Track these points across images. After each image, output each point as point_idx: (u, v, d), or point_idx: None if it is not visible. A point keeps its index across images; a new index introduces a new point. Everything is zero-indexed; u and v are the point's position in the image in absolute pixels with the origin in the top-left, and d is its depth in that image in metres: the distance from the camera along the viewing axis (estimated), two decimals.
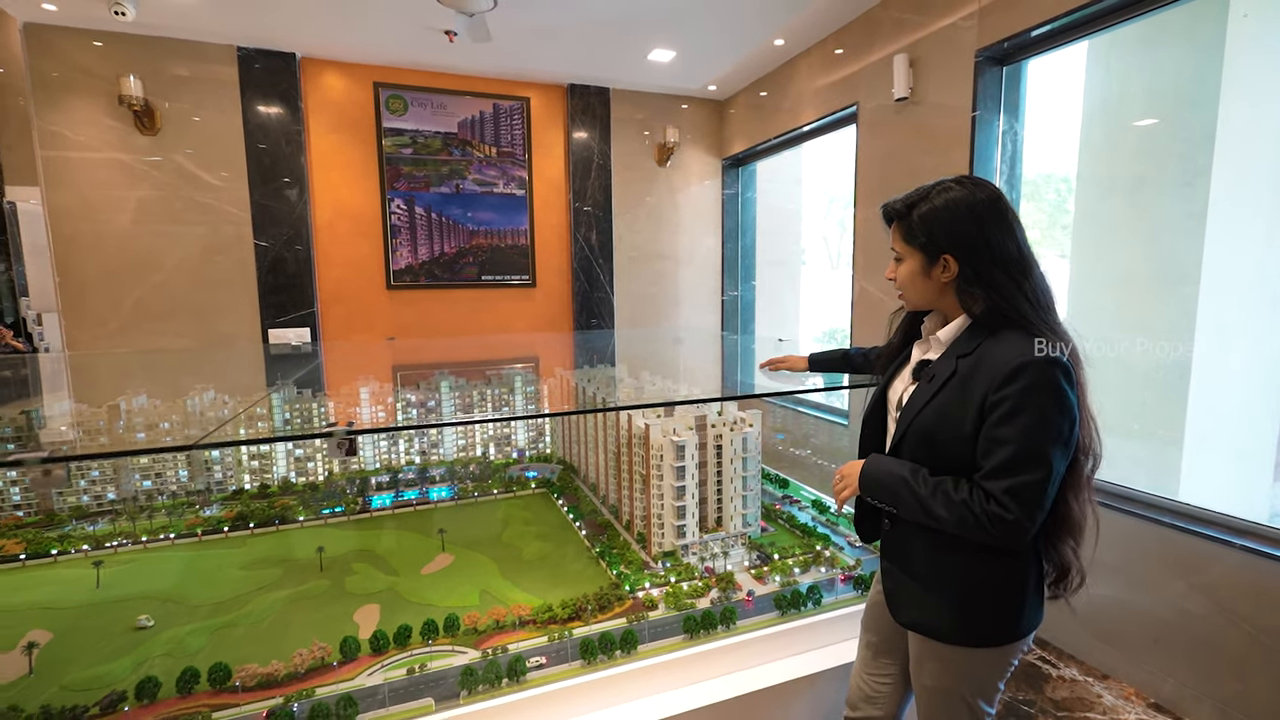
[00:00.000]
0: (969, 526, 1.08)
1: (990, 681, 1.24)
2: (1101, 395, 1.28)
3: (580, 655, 1.53)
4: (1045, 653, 2.67)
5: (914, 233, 1.21)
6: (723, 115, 5.39)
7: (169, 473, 2.65)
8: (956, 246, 1.16)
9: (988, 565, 1.18)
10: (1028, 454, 1.05)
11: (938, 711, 1.28)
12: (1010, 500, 1.05)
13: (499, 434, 3.19)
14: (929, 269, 1.20)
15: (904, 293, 1.28)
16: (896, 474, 1.18)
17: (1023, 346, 1.09)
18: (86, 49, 3.76)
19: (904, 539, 1.28)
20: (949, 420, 1.14)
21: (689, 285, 5.47)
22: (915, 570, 1.26)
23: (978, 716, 1.26)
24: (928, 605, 1.24)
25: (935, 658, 1.25)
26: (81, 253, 3.87)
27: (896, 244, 1.26)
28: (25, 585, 1.94)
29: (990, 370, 1.10)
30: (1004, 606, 1.19)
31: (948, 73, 3.13)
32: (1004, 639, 1.20)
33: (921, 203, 1.20)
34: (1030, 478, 1.05)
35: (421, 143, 4.56)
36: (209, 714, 1.33)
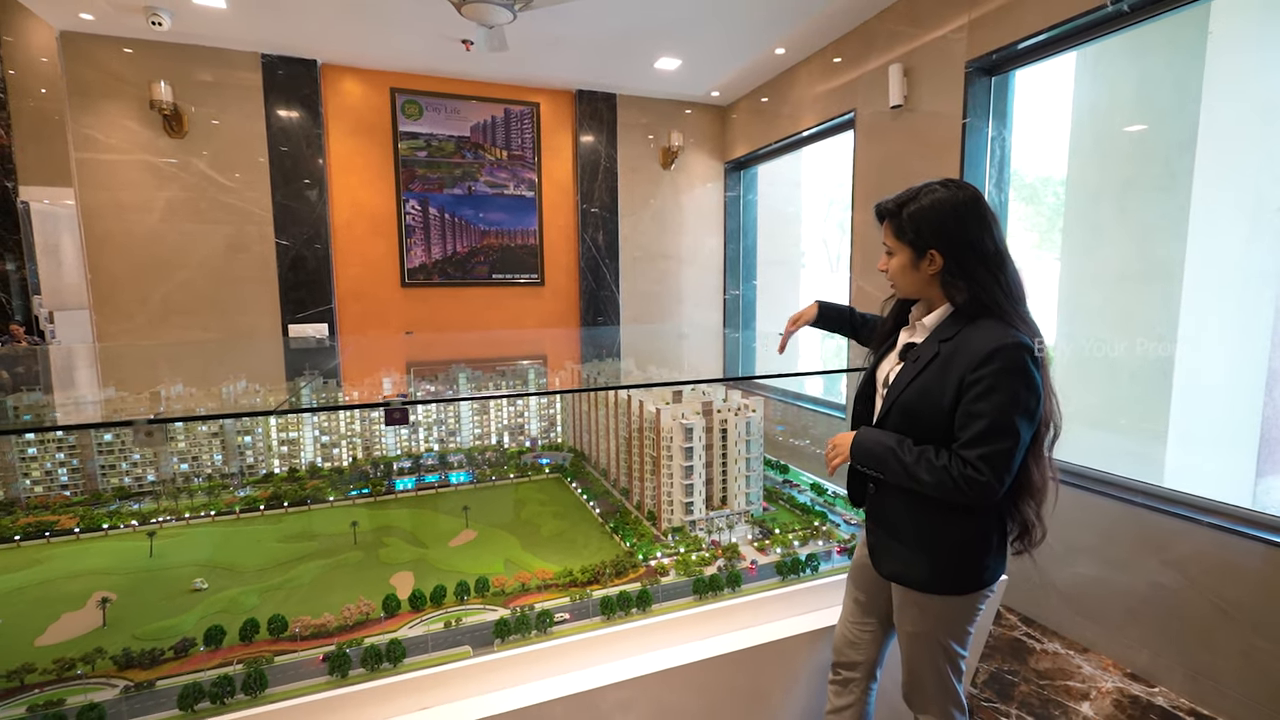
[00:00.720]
0: (947, 489, 1.25)
1: (961, 625, 1.41)
2: (1089, 390, 1.46)
3: (601, 612, 1.69)
4: (1030, 629, 2.83)
5: (904, 229, 1.36)
6: (725, 120, 5.56)
7: (204, 456, 2.81)
8: (941, 242, 1.32)
9: (960, 524, 1.35)
10: (999, 426, 1.22)
11: (918, 652, 1.45)
12: (984, 465, 1.22)
13: (513, 423, 3.35)
14: (917, 262, 1.36)
15: (895, 283, 1.44)
16: (884, 444, 1.34)
17: (998, 333, 1.25)
18: (118, 56, 3.93)
19: (888, 501, 1.44)
20: (930, 397, 1.30)
21: (692, 284, 5.64)
22: (897, 528, 1.42)
23: (951, 655, 1.43)
24: (908, 559, 1.40)
25: (915, 605, 1.42)
26: (112, 251, 4.04)
27: (888, 239, 1.42)
28: (83, 555, 2.10)
29: (969, 354, 1.26)
30: (973, 559, 1.36)
31: (940, 82, 3.30)
32: (973, 587, 1.37)
33: (911, 202, 1.36)
34: (1001, 446, 1.22)
35: (436, 146, 4.73)
36: (271, 657, 1.49)
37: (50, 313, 5.59)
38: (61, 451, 2.57)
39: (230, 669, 1.41)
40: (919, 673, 1.47)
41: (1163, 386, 2.82)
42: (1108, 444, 3.00)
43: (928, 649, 1.43)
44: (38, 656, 1.47)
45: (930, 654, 1.43)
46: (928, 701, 1.47)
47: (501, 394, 3.04)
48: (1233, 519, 2.24)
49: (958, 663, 1.44)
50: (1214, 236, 2.69)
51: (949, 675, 1.44)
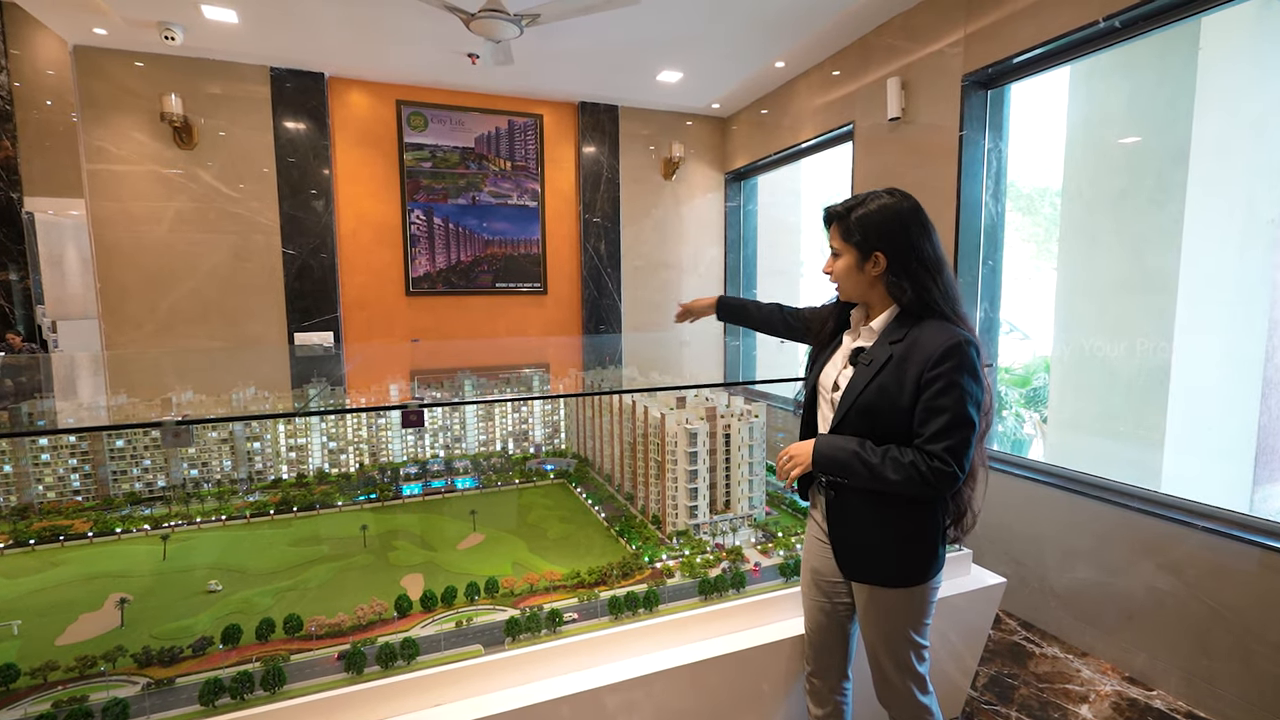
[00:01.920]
0: (915, 484, 1.31)
1: (923, 615, 1.48)
2: (1086, 398, 1.54)
3: (609, 612, 1.73)
4: (1029, 633, 2.86)
5: (851, 231, 1.43)
6: (725, 132, 5.65)
7: (214, 462, 2.85)
8: (885, 245, 1.40)
9: (918, 516, 1.42)
10: (959, 419, 1.30)
11: (884, 648, 1.49)
12: (949, 456, 1.30)
13: (517, 429, 3.39)
14: (862, 264, 1.43)
15: (839, 284, 1.50)
16: (846, 449, 1.38)
17: (948, 332, 1.34)
18: (130, 69, 4.00)
19: (848, 506, 1.48)
20: (888, 396, 1.37)
21: (693, 293, 5.69)
22: (863, 530, 1.46)
23: (917, 647, 1.49)
24: (877, 558, 1.45)
25: (881, 603, 1.47)
26: (122, 260, 4.09)
27: (835, 241, 1.48)
28: (96, 559, 2.14)
29: (923, 352, 1.34)
30: (928, 549, 1.43)
31: (937, 95, 3.38)
32: (930, 576, 1.44)
33: (859, 207, 1.43)
34: (961, 437, 1.30)
35: (440, 157, 4.80)
36: (287, 655, 1.52)
37: (54, 322, 5.64)
38: (74, 457, 2.61)
39: (249, 666, 1.44)
40: (888, 673, 1.51)
41: (1159, 394, 2.86)
42: (1105, 450, 3.04)
43: (895, 647, 1.48)
44: (59, 655, 1.51)
45: (897, 652, 1.48)
46: (900, 696, 1.51)
47: (509, 397, 3.09)
48: (1228, 523, 2.28)
49: (921, 651, 1.50)
50: (1207, 247, 2.75)
51: (915, 665, 1.49)
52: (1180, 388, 2.81)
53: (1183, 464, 2.78)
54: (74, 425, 2.01)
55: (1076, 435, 3.24)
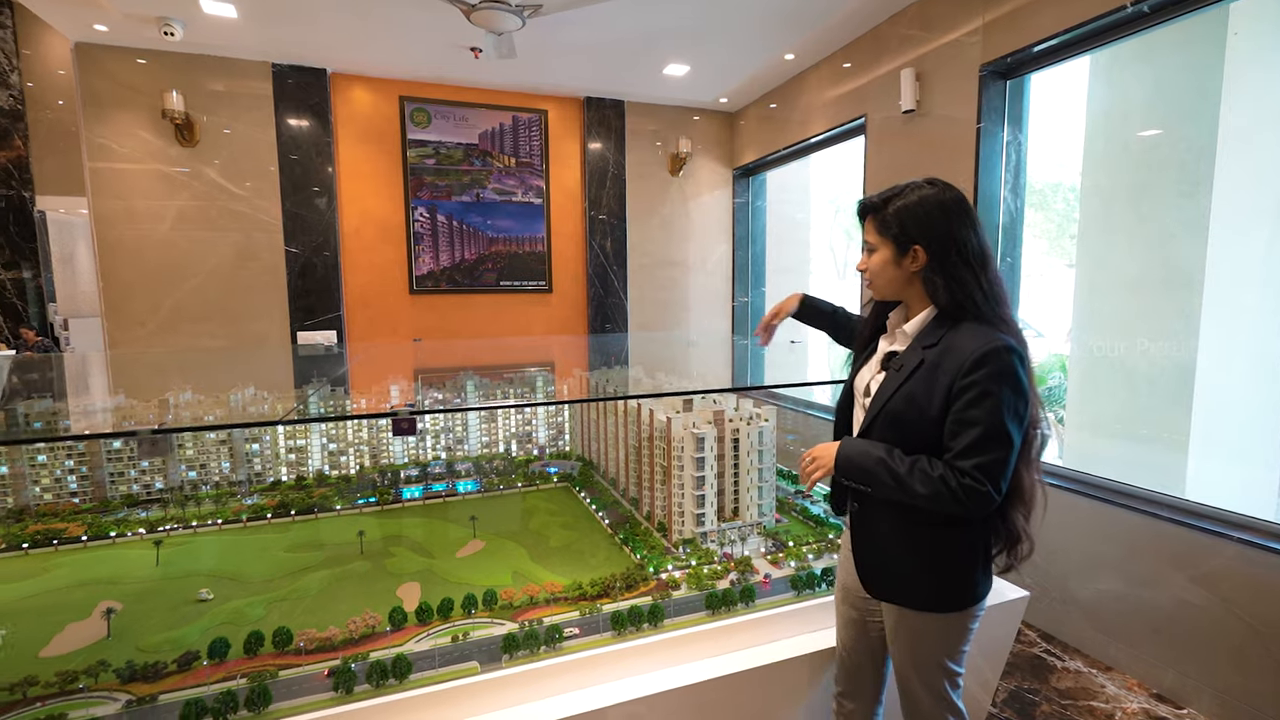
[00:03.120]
0: (944, 500, 1.19)
1: (959, 643, 1.37)
2: (1106, 399, 1.41)
3: (611, 627, 1.65)
4: (1050, 646, 2.76)
5: (888, 224, 1.32)
6: (734, 127, 5.55)
7: (212, 464, 2.79)
8: (925, 238, 1.29)
9: (952, 538, 1.30)
10: (994, 433, 1.18)
11: (915, 675, 1.39)
12: (981, 474, 1.18)
13: (520, 431, 3.32)
14: (899, 259, 1.33)
15: (874, 281, 1.39)
16: (872, 454, 1.27)
17: (985, 336, 1.22)
18: (132, 66, 3.97)
19: (873, 519, 1.38)
20: (917, 405, 1.26)
21: (700, 291, 5.60)
22: (888, 547, 1.36)
23: (950, 675, 1.38)
24: (903, 579, 1.35)
25: (911, 626, 1.37)
26: (124, 258, 4.06)
27: (870, 235, 1.38)
28: (90, 563, 2.08)
29: (956, 359, 1.22)
30: (965, 574, 1.32)
31: (953, 86, 3.27)
32: (968, 603, 1.33)
33: (896, 198, 1.32)
34: (997, 454, 1.18)
35: (444, 153, 4.74)
36: (275, 672, 1.46)
37: (65, 320, 5.64)
38: (70, 459, 2.56)
39: (234, 684, 1.38)
40: (918, 699, 1.41)
41: (1183, 395, 2.76)
42: (1126, 454, 2.93)
43: (927, 673, 1.38)
44: (41, 669, 1.45)
45: (929, 678, 1.38)
46: None
47: (509, 404, 3.02)
48: (1264, 534, 2.17)
49: (955, 679, 1.40)
50: (1235, 241, 2.64)
51: (948, 693, 1.39)
52: (1206, 388, 2.70)
53: (1208, 468, 2.67)
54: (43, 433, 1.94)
55: (1096, 437, 3.13)
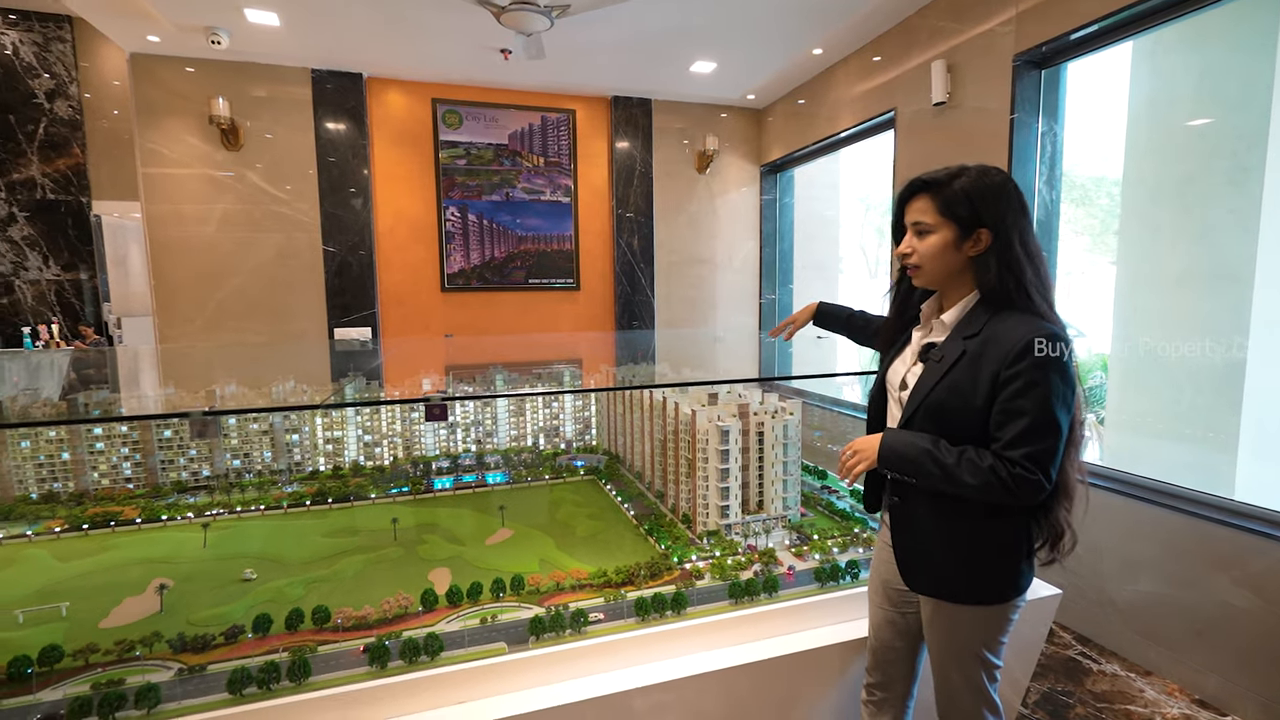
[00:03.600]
0: (994, 491, 1.18)
1: (997, 635, 1.35)
2: (1149, 398, 1.38)
3: (635, 613, 1.68)
4: (1086, 648, 2.69)
5: (955, 203, 1.25)
6: (761, 123, 5.52)
7: (255, 454, 2.92)
8: (994, 221, 1.24)
9: (993, 529, 1.29)
10: (1043, 421, 1.16)
11: (953, 669, 1.38)
12: (1031, 463, 1.16)
13: (549, 425, 3.38)
14: (961, 242, 1.27)
15: (924, 265, 1.31)
16: (919, 445, 1.25)
17: (1030, 325, 1.20)
18: (181, 75, 4.15)
19: (914, 511, 1.36)
20: (961, 396, 1.24)
21: (727, 288, 5.60)
22: (929, 539, 1.35)
23: (989, 667, 1.36)
24: (943, 570, 1.33)
25: (949, 618, 1.35)
26: (174, 259, 4.25)
27: (926, 215, 1.29)
28: (144, 544, 2.20)
29: (1001, 348, 1.20)
30: (1006, 566, 1.30)
31: (985, 77, 3.21)
32: (1009, 595, 1.31)
33: (959, 177, 1.26)
34: (1046, 443, 1.17)
35: (475, 154, 4.84)
36: (314, 646, 1.53)
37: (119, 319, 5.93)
38: (126, 446, 2.71)
39: (276, 656, 1.45)
40: (955, 690, 1.39)
41: (1232, 394, 2.66)
42: (1170, 454, 2.84)
43: (964, 664, 1.36)
44: (101, 638, 1.55)
45: (967, 669, 1.36)
46: (968, 718, 1.40)
47: (532, 392, 3.08)
48: None
49: (994, 672, 1.38)
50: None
51: (985, 686, 1.37)
52: (1256, 387, 2.60)
53: (1259, 469, 2.57)
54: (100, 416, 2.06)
55: (1138, 437, 3.03)
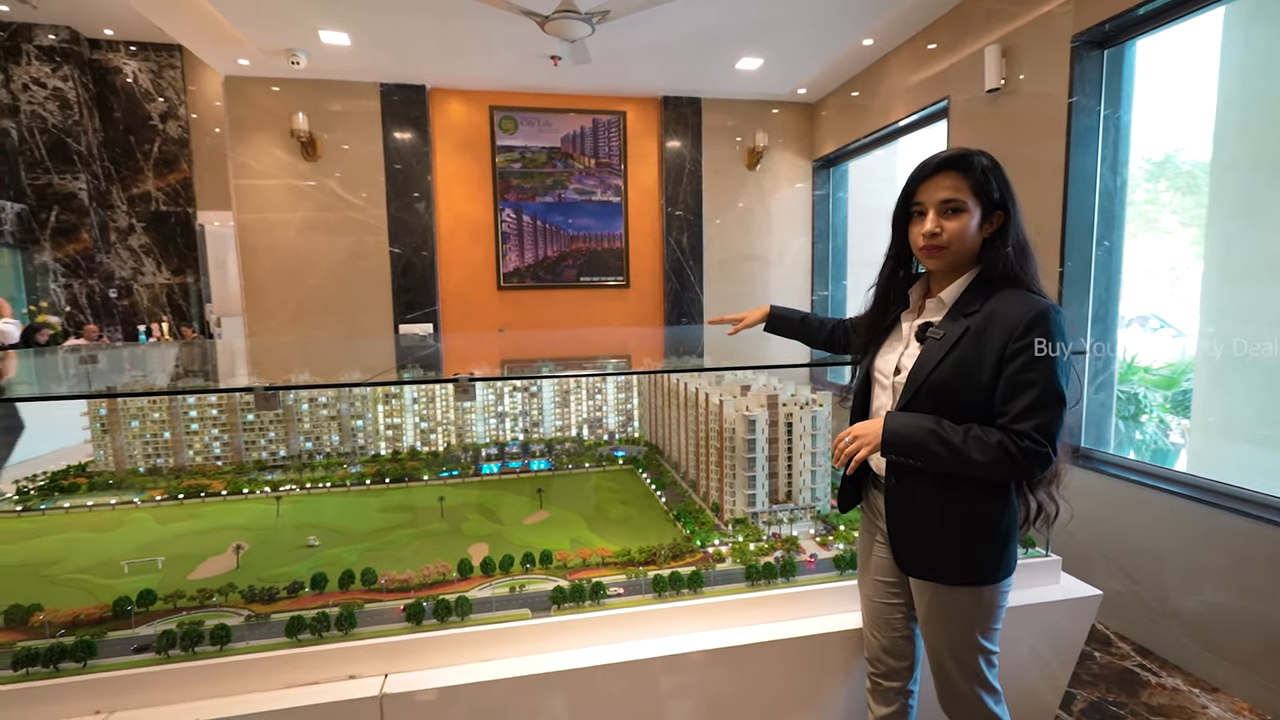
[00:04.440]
0: (1004, 466, 1.18)
1: (990, 620, 1.34)
2: (1239, 400, 1.36)
3: (653, 589, 1.77)
4: (1146, 660, 2.55)
5: (988, 183, 1.25)
6: (814, 117, 5.46)
7: (324, 436, 3.20)
8: (1008, 203, 1.27)
9: (985, 508, 1.29)
10: (1050, 393, 1.18)
11: (946, 652, 1.37)
12: (1041, 435, 1.17)
13: (592, 416, 3.51)
14: (981, 223, 1.29)
15: (951, 245, 1.28)
16: (923, 426, 1.23)
17: (1030, 300, 1.22)
18: (268, 94, 4.57)
19: (912, 495, 1.34)
20: (966, 372, 1.24)
21: (779, 285, 5.57)
22: (926, 522, 1.33)
23: (985, 652, 1.36)
24: (937, 551, 1.33)
25: (943, 602, 1.35)
26: (260, 262, 4.69)
27: (961, 193, 1.26)
28: (227, 513, 2.48)
29: (1006, 322, 1.21)
30: (1001, 546, 1.30)
31: (1042, 61, 3.08)
32: (1000, 576, 1.31)
33: (981, 156, 1.28)
34: (1053, 413, 1.18)
35: (529, 157, 5.05)
36: (361, 604, 1.70)
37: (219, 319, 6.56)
38: (216, 428, 3.04)
39: (328, 609, 1.63)
40: (951, 676, 1.38)
41: None
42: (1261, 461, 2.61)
43: (958, 649, 1.36)
44: (188, 587, 1.78)
45: (960, 653, 1.36)
46: (968, 704, 1.38)
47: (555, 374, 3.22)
48: None
49: (990, 657, 1.37)
50: None
51: (982, 670, 1.37)
52: None
53: None
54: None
55: (1228, 442, 2.80)
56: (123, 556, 2.01)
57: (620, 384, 3.58)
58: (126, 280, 6.39)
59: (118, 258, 6.30)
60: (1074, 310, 2.97)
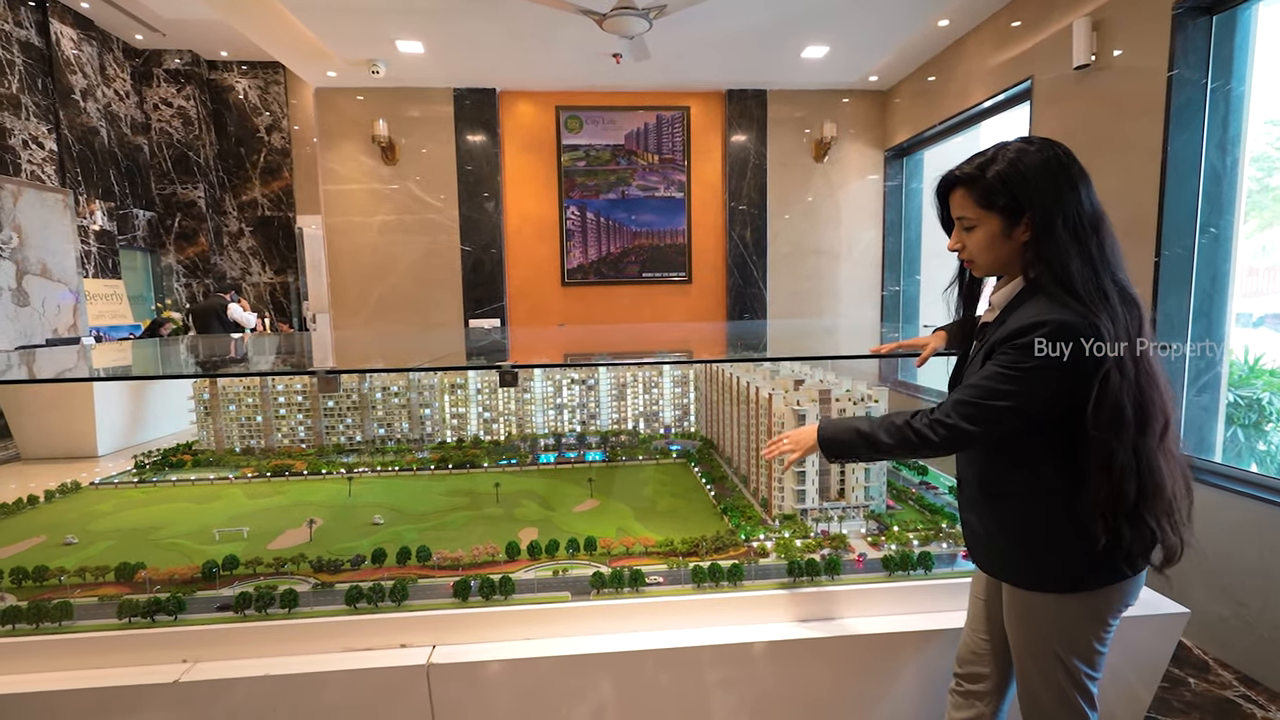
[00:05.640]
0: (909, 446, 1.23)
1: (1082, 637, 1.23)
2: None
3: (692, 579, 1.77)
4: (1252, 691, 2.29)
5: (993, 193, 1.19)
6: (886, 105, 5.23)
7: (395, 423, 3.40)
8: (1033, 206, 1.17)
9: (1027, 511, 1.23)
10: (990, 390, 1.15)
11: (1029, 660, 1.28)
12: (953, 414, 1.18)
13: (648, 410, 3.53)
14: (1009, 230, 1.21)
15: (977, 259, 1.27)
16: (850, 424, 1.31)
17: (1045, 308, 1.13)
18: (352, 103, 4.90)
19: (966, 490, 1.36)
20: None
21: (847, 280, 5.39)
22: (980, 518, 1.33)
23: (1074, 676, 1.23)
24: (996, 550, 1.29)
25: (1021, 605, 1.27)
26: (345, 261, 5.03)
27: (967, 210, 1.24)
28: (305, 490, 2.69)
29: (1006, 329, 1.16)
30: (1064, 551, 1.20)
31: (1139, 32, 2.81)
32: (1075, 588, 1.20)
33: (992, 164, 1.20)
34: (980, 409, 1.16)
35: (594, 155, 5.14)
36: (415, 578, 1.80)
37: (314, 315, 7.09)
38: (300, 413, 3.30)
39: (384, 581, 1.74)
40: (1035, 687, 1.29)
41: None
42: None
43: (1040, 663, 1.27)
44: (266, 555, 1.95)
45: (1044, 666, 1.26)
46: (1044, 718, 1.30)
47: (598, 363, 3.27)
48: None
49: (1084, 684, 1.25)
50: None
51: (1068, 690, 1.25)
52: None
53: None
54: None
55: None
56: (215, 525, 2.22)
57: (677, 378, 3.58)
58: (236, 280, 7.02)
59: (229, 259, 6.94)
60: (1171, 304, 2.70)
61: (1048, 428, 1.18)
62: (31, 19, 5.31)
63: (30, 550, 2.05)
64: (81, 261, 5.77)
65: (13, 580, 1.78)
